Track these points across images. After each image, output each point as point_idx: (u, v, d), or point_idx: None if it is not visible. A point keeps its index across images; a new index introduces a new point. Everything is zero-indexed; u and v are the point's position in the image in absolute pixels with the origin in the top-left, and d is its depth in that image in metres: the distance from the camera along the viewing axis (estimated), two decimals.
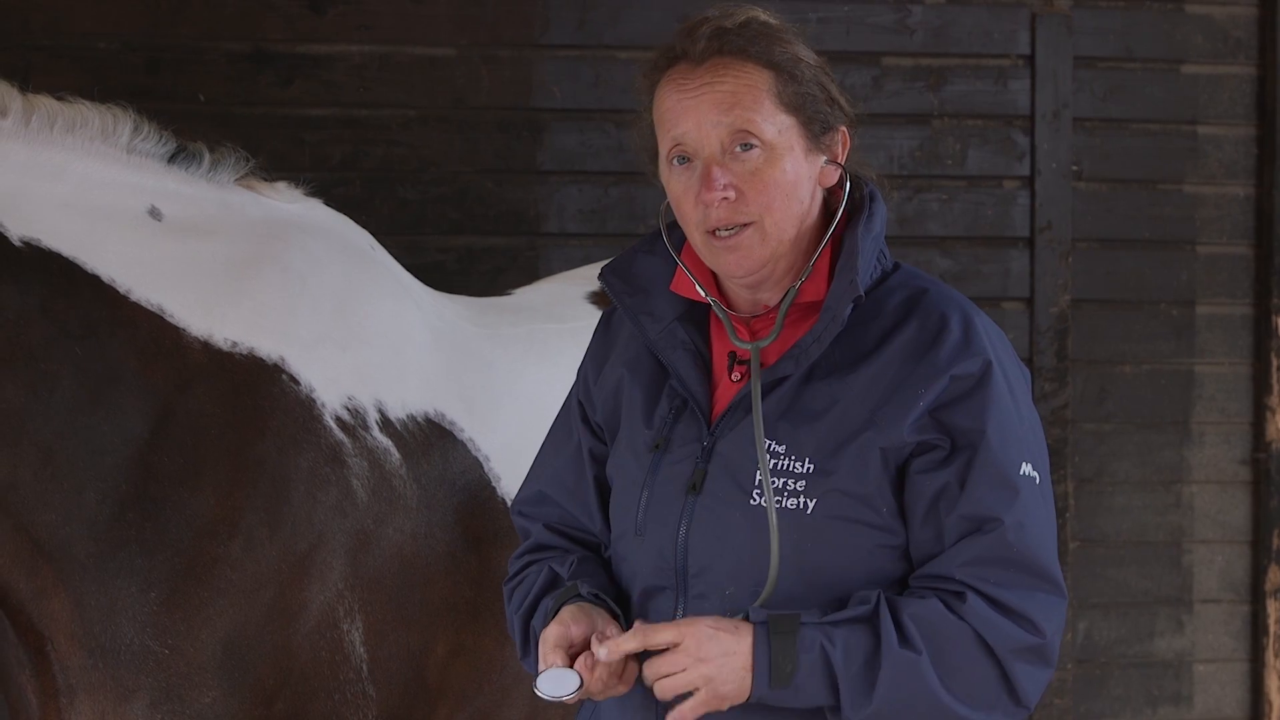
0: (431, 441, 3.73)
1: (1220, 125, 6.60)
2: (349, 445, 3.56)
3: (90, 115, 3.50)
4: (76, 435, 3.32)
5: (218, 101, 5.95)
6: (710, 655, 2.82)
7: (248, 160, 3.74)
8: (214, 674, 3.37)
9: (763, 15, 3.02)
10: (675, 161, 2.99)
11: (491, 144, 6.16)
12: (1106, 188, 6.54)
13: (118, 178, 3.51)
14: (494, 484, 3.82)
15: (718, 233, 2.97)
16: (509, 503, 3.81)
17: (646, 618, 2.99)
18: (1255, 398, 6.62)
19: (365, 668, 3.54)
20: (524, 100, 6.19)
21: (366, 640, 3.53)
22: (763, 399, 2.97)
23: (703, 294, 3.06)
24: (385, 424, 3.65)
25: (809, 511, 2.91)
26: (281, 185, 3.81)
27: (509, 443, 3.87)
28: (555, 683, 2.86)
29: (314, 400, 3.55)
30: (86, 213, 3.42)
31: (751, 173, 2.94)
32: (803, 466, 2.93)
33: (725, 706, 2.85)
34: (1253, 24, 6.57)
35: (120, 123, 3.54)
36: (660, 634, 2.84)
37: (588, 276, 4.62)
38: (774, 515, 2.90)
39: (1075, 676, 6.53)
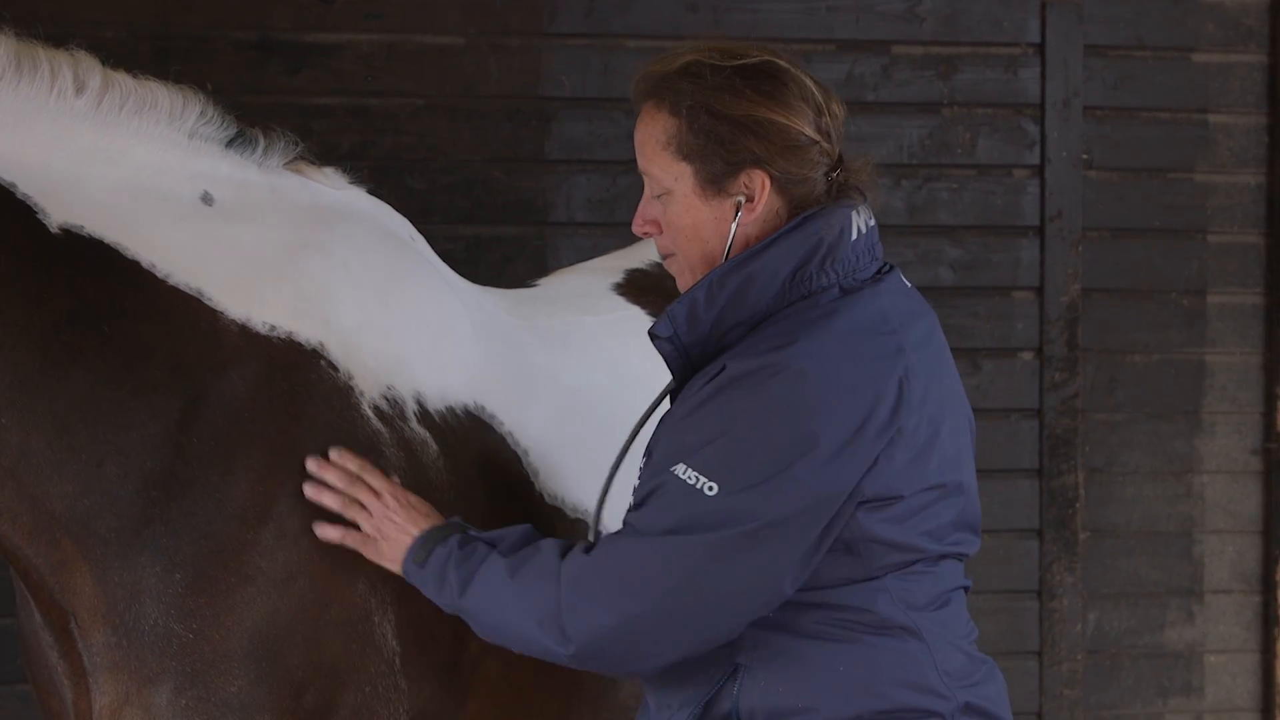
0: (470, 434, 3.70)
1: (1231, 114, 6.58)
2: (386, 436, 3.52)
3: (160, 97, 3.49)
4: (98, 408, 3.28)
5: (225, 90, 5.84)
6: (393, 525, 3.33)
7: (297, 144, 3.72)
8: (240, 663, 3.33)
9: (708, 59, 3.15)
10: None
11: (500, 133, 6.14)
12: (1117, 176, 6.52)
13: (175, 164, 3.49)
14: (532, 478, 3.79)
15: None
16: (546, 497, 3.80)
17: None
18: (1266, 387, 6.60)
19: (397, 661, 3.50)
20: (532, 89, 6.16)
21: (399, 633, 3.50)
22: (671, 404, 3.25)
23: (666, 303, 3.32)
24: (423, 415, 3.61)
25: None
26: (329, 171, 3.78)
27: (548, 436, 3.84)
28: None
29: (352, 389, 3.52)
30: (138, 198, 3.41)
31: (663, 212, 3.21)
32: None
33: (379, 562, 3.34)
34: (1264, 12, 6.56)
35: (189, 106, 3.54)
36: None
37: (609, 268, 4.59)
38: (595, 513, 3.45)
39: (1085, 667, 6.51)
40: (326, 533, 3.35)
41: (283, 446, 3.41)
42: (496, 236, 6.13)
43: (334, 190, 3.74)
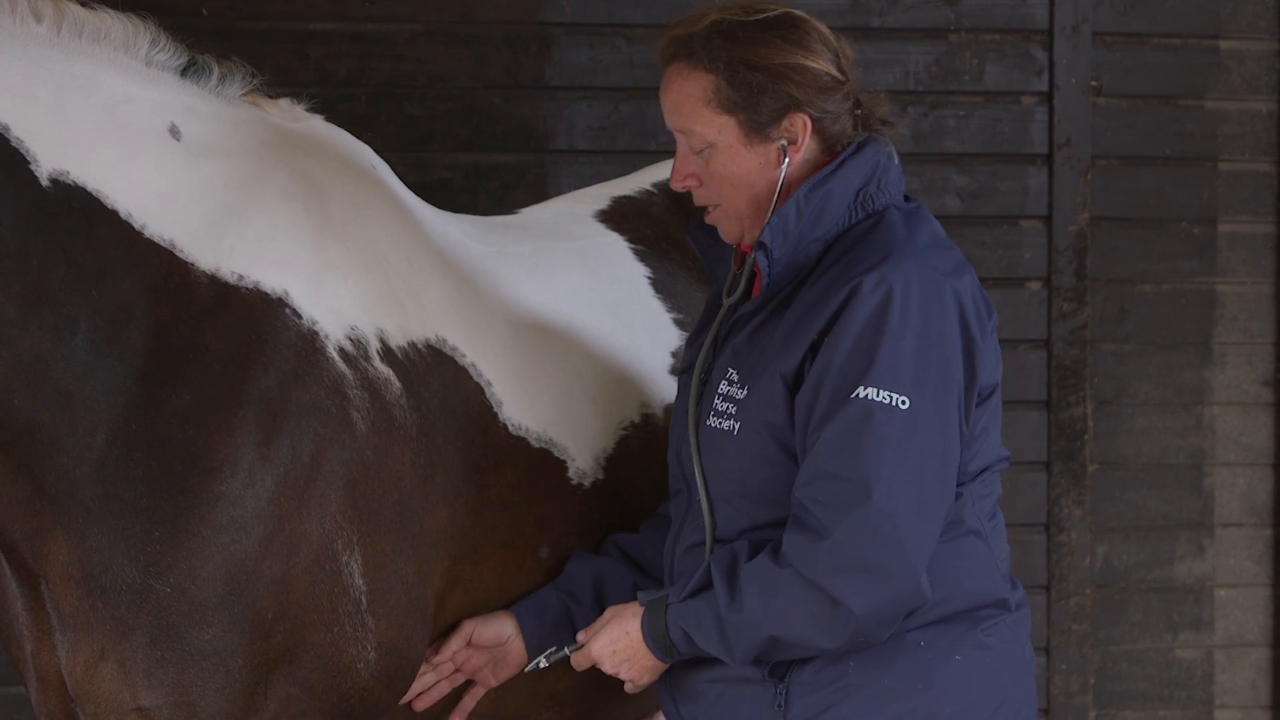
0: (432, 369, 3.68)
1: (1243, 40, 6.51)
2: (350, 377, 3.52)
3: (113, 24, 3.43)
4: (94, 377, 3.28)
5: (220, 15, 5.86)
6: (610, 649, 3.50)
7: (253, 75, 3.67)
8: (214, 611, 3.34)
9: (734, 15, 3.36)
10: None
11: (500, 59, 6.08)
12: (1126, 103, 6.46)
13: (141, 93, 3.44)
14: (495, 410, 3.76)
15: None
16: (510, 428, 3.79)
17: (670, 514, 3.63)
18: (1278, 318, 6.54)
19: (364, 599, 3.50)
20: (533, 14, 6.10)
21: (365, 572, 3.49)
22: (739, 331, 3.43)
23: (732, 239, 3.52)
24: (386, 353, 3.60)
25: (735, 433, 3.36)
26: (284, 102, 3.75)
27: (511, 366, 3.82)
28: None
29: (316, 333, 3.50)
30: (116, 132, 3.36)
31: (704, 166, 3.41)
32: (740, 393, 3.36)
33: (649, 676, 3.51)
34: None
35: (140, 33, 3.47)
36: (587, 634, 3.57)
37: (596, 195, 4.56)
38: (693, 435, 3.45)
39: (1094, 601, 6.48)
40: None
41: (253, 396, 3.41)
42: (496, 164, 6.08)
43: (291, 123, 3.70)
